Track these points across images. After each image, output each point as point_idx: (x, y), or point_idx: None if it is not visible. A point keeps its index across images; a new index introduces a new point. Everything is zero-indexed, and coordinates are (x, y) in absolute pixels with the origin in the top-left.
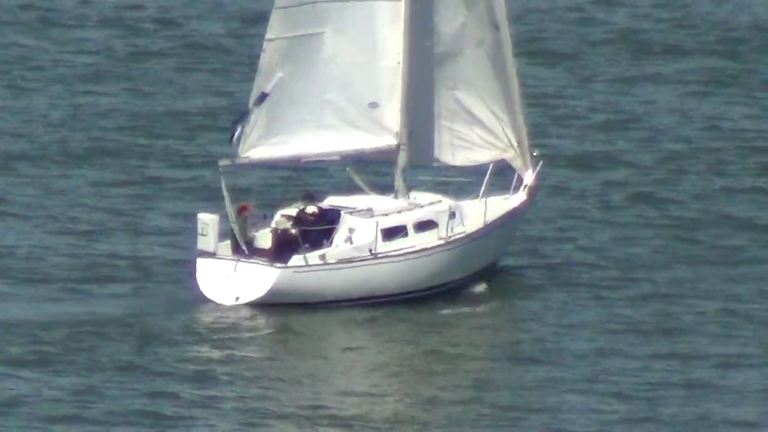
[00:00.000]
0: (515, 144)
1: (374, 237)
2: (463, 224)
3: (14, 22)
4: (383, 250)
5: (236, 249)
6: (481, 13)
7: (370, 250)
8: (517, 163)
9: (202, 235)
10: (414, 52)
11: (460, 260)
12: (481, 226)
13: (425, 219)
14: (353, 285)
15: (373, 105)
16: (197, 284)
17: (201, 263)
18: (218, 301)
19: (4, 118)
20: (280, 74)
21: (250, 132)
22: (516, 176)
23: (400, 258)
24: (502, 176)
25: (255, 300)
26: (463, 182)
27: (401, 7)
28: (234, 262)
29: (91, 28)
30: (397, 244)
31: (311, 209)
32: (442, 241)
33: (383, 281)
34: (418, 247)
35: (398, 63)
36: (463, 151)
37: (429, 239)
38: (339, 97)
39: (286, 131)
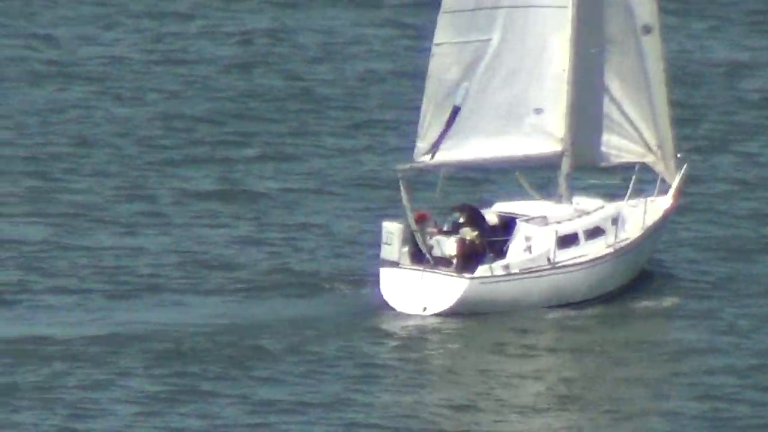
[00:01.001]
0: (655, 148)
1: (551, 246)
2: (625, 230)
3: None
4: (560, 259)
5: (415, 257)
6: (637, 18)
7: (548, 259)
8: (659, 167)
9: (387, 244)
10: (579, 59)
11: (628, 267)
12: (641, 231)
13: (594, 226)
14: (534, 295)
15: (539, 111)
16: (382, 293)
17: (385, 273)
18: (404, 311)
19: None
20: (465, 83)
21: (424, 137)
22: (659, 179)
23: (578, 267)
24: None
25: (443, 310)
26: (610, 185)
27: (568, 14)
28: (420, 272)
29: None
30: (571, 253)
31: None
32: (611, 249)
33: (562, 290)
34: (591, 256)
35: (563, 70)
36: (611, 155)
37: (598, 247)
38: (506, 103)
39: (456, 136)
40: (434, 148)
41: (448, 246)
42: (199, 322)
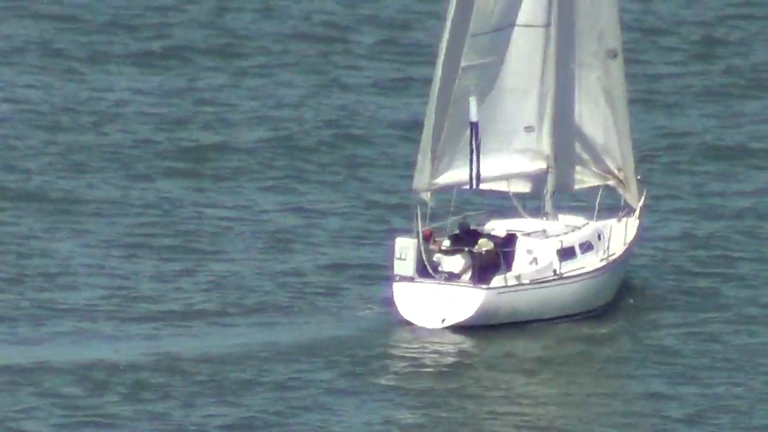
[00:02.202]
0: (616, 171)
1: (555, 258)
2: (609, 246)
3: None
4: (564, 271)
5: (422, 272)
6: (603, 41)
7: (554, 271)
8: (620, 189)
9: (401, 259)
10: (559, 78)
11: (618, 279)
12: (625, 246)
13: (585, 240)
14: (544, 305)
15: (529, 129)
16: (397, 308)
17: (400, 287)
18: (422, 324)
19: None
20: (472, 98)
21: (441, 158)
22: (623, 200)
23: (583, 278)
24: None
25: (461, 322)
26: (576, 206)
27: (550, 32)
28: (437, 285)
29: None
30: (571, 265)
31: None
32: (605, 262)
33: (570, 301)
34: (590, 268)
35: (548, 88)
36: (581, 178)
37: (592, 260)
38: (502, 121)
39: (465, 157)
40: (445, 168)
41: (453, 263)
42: (230, 346)
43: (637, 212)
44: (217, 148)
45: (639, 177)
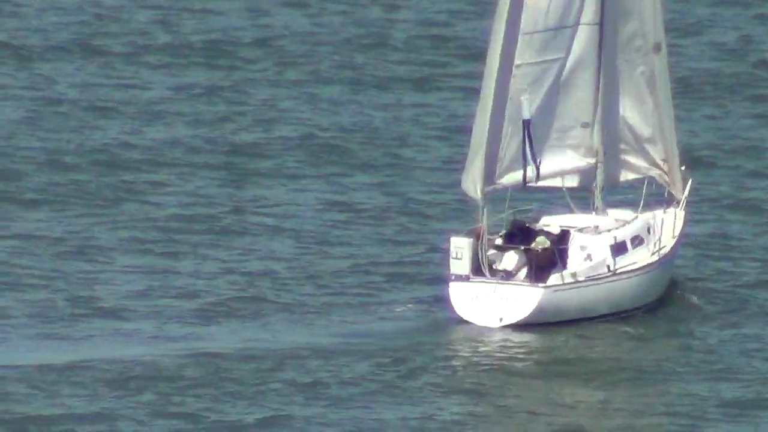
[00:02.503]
0: (661, 163)
1: (608, 254)
2: (659, 239)
3: None
4: (617, 266)
5: (476, 271)
6: (647, 35)
7: (608, 267)
8: (665, 181)
9: (457, 258)
10: (607, 74)
11: (670, 273)
12: (674, 239)
13: (636, 235)
14: (599, 302)
15: (586, 125)
16: (454, 307)
17: (456, 286)
18: (480, 323)
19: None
20: (525, 96)
21: (502, 158)
22: (667, 192)
23: (637, 273)
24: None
25: (520, 320)
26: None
27: (601, 31)
28: (494, 284)
29: None
30: (624, 260)
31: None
32: (656, 257)
33: (625, 296)
34: (643, 263)
35: (599, 83)
36: (624, 169)
37: (643, 254)
38: (559, 119)
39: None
40: (510, 167)
41: (509, 260)
42: (269, 343)
43: (683, 203)
44: (254, 145)
45: (683, 168)
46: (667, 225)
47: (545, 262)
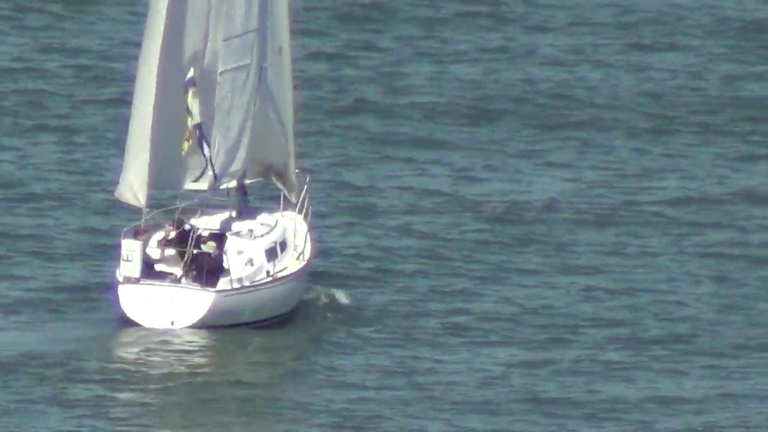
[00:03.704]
0: (280, 165)
1: (266, 259)
2: (296, 243)
3: None
4: (275, 271)
5: (146, 273)
6: (270, 36)
7: (268, 272)
8: (280, 183)
9: (127, 261)
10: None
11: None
12: (309, 241)
13: (283, 239)
14: (263, 306)
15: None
16: (123, 310)
17: (126, 289)
18: (150, 326)
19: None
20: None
21: (178, 163)
22: (282, 195)
23: (290, 279)
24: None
25: (191, 324)
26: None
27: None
28: (165, 287)
29: None
30: (278, 265)
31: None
32: (302, 261)
33: (282, 301)
34: (295, 268)
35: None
36: (247, 171)
37: (289, 259)
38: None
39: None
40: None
41: (175, 262)
42: None
43: (300, 205)
44: None
45: (298, 170)
46: (298, 227)
47: (213, 266)
